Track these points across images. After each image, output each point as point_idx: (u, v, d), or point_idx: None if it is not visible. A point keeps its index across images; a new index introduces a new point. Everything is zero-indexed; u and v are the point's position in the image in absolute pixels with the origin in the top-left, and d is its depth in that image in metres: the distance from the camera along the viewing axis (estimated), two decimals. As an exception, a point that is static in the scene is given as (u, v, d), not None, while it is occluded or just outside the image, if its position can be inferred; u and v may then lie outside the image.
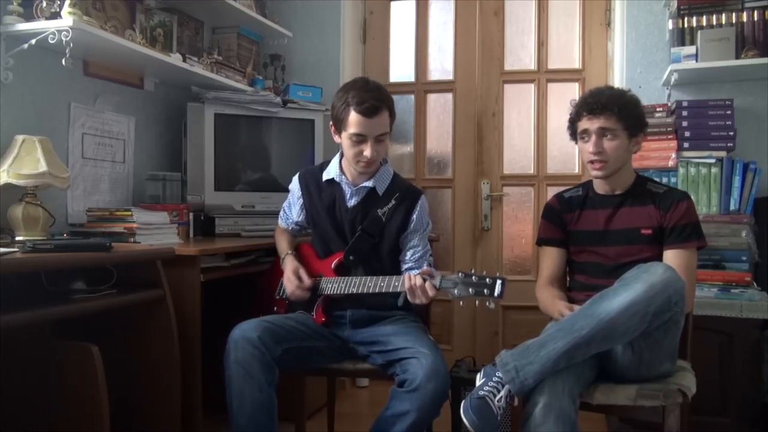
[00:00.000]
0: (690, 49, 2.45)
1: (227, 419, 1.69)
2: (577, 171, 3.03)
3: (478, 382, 1.57)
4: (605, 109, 1.75)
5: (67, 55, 1.89)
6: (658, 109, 2.52)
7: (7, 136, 1.88)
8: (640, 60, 2.76)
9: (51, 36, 1.86)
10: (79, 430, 1.58)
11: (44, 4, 1.90)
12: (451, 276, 1.67)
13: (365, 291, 1.80)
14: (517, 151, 3.14)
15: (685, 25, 2.51)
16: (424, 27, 3.26)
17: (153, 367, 1.82)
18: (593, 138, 1.77)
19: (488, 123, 3.12)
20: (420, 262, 1.89)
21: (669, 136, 2.47)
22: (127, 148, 2.45)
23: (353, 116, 1.78)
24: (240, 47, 2.95)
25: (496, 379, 1.53)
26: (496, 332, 3.10)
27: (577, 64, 3.04)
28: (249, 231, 2.50)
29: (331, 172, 1.95)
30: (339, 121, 1.84)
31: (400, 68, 3.29)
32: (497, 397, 1.50)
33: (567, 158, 3.07)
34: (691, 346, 1.80)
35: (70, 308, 1.55)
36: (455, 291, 1.64)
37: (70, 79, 2.17)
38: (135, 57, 2.23)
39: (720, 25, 2.45)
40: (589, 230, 1.86)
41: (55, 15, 1.90)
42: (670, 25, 2.57)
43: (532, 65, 3.10)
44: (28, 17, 1.91)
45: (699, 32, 2.45)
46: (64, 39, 1.86)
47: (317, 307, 1.90)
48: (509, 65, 3.13)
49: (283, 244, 2.04)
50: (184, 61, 2.44)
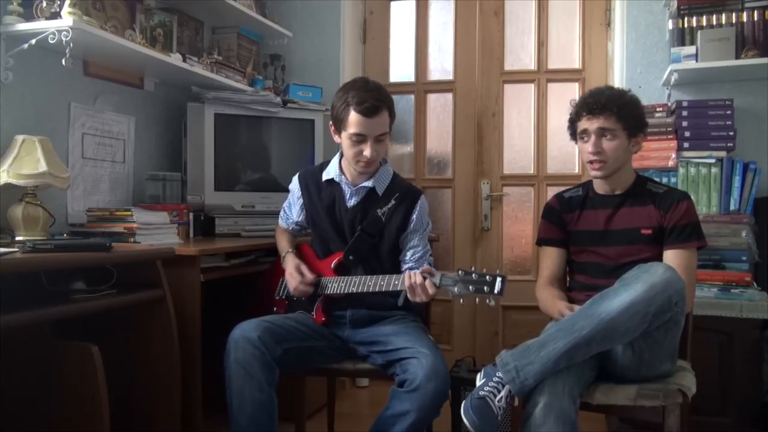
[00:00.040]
0: (690, 49, 2.45)
1: (227, 419, 1.69)
2: (577, 171, 3.03)
3: (478, 382, 1.57)
4: (605, 109, 1.75)
5: (67, 55, 1.89)
6: (658, 109, 2.52)
7: (7, 136, 1.88)
8: (640, 60, 2.76)
9: (51, 36, 1.87)
10: (79, 430, 1.58)
11: (44, 4, 1.90)
12: (451, 274, 1.67)
13: (365, 290, 1.80)
14: (517, 151, 3.14)
15: (685, 25, 2.51)
16: (424, 27, 3.26)
17: (153, 367, 1.82)
18: (592, 138, 1.77)
19: (488, 123, 3.12)
20: (420, 262, 1.89)
21: (669, 136, 2.47)
22: (127, 148, 2.45)
23: (353, 116, 1.78)
24: (240, 47, 2.94)
25: (497, 379, 1.53)
26: (496, 332, 3.10)
27: (577, 64, 3.04)
28: (249, 231, 2.50)
29: (330, 172, 1.95)
30: (339, 121, 1.84)
31: (400, 68, 3.29)
32: (497, 397, 1.50)
33: (567, 158, 3.07)
34: (691, 346, 1.80)
35: (70, 308, 1.55)
36: (455, 289, 1.64)
37: (70, 79, 2.17)
38: (135, 57, 2.23)
39: (720, 25, 2.45)
40: (589, 230, 1.86)
41: (55, 15, 1.90)
42: (670, 25, 2.57)
43: (532, 65, 3.10)
44: (28, 17, 1.91)
45: (699, 32, 2.45)
46: (64, 39, 1.86)
47: (317, 307, 1.90)
48: (509, 65, 3.13)
49: (284, 243, 2.04)
50: (184, 61, 2.44)
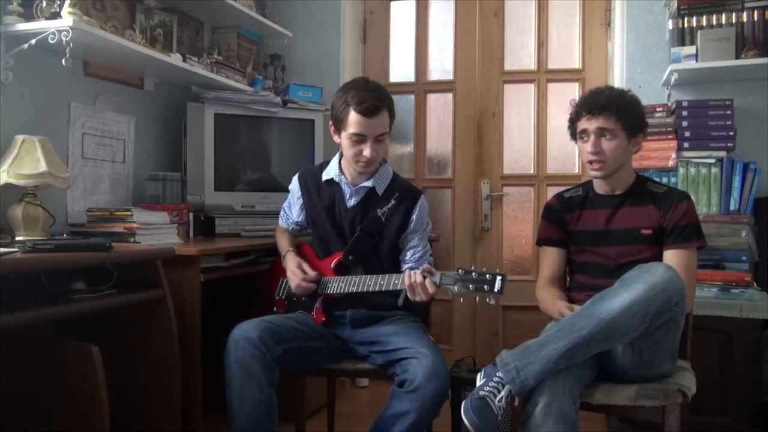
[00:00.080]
0: (690, 49, 2.45)
1: (227, 419, 1.69)
2: (577, 171, 3.03)
3: (478, 382, 1.57)
4: (604, 109, 1.75)
5: (67, 55, 1.89)
6: (658, 109, 2.51)
7: (7, 136, 1.88)
8: (640, 60, 2.76)
9: (51, 36, 1.86)
10: (79, 430, 1.58)
11: (44, 4, 1.90)
12: (451, 273, 1.67)
13: (365, 290, 1.80)
14: (517, 151, 3.14)
15: (685, 25, 2.51)
16: (424, 27, 3.26)
17: (153, 367, 1.82)
18: (592, 138, 1.77)
19: (488, 123, 3.12)
20: (420, 262, 1.89)
21: (669, 136, 2.47)
22: (127, 148, 2.45)
23: (353, 116, 1.78)
24: (240, 47, 2.94)
25: (497, 379, 1.53)
26: (496, 332, 3.10)
27: (577, 64, 3.04)
28: (249, 231, 2.50)
29: (330, 172, 1.95)
30: (339, 121, 1.84)
31: (400, 68, 3.29)
32: (498, 398, 1.50)
33: (567, 158, 3.07)
34: (691, 346, 1.79)
35: (70, 308, 1.55)
36: (455, 288, 1.64)
37: (70, 79, 2.17)
38: (135, 57, 2.23)
39: (720, 25, 2.45)
40: (589, 230, 1.86)
41: (55, 15, 1.90)
42: (670, 25, 2.57)
43: (532, 65, 3.10)
44: (28, 17, 1.91)
45: (699, 32, 2.45)
46: (64, 39, 1.86)
47: (317, 307, 1.90)
48: (509, 65, 3.13)
49: (284, 243, 2.04)
50: (184, 61, 2.44)
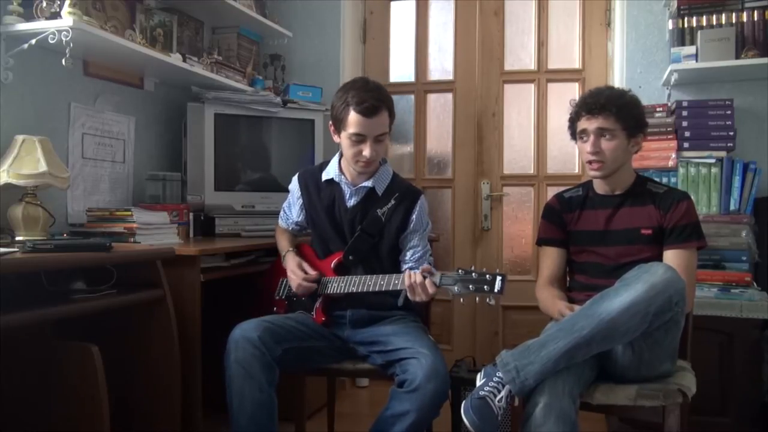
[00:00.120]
0: (690, 49, 2.45)
1: (227, 419, 1.69)
2: (577, 171, 3.03)
3: (478, 382, 1.57)
4: (603, 109, 1.75)
5: (67, 55, 1.89)
6: (658, 109, 2.51)
7: (7, 136, 1.88)
8: (640, 60, 2.76)
9: (51, 36, 1.86)
10: (79, 430, 1.58)
11: (44, 4, 1.90)
12: (451, 273, 1.67)
13: (365, 290, 1.80)
14: (517, 151, 3.14)
15: (685, 25, 2.51)
16: (424, 27, 3.26)
17: (153, 367, 1.82)
18: (591, 138, 1.77)
19: (488, 123, 3.12)
20: (420, 262, 1.89)
21: (669, 136, 2.47)
22: (127, 148, 2.45)
23: (353, 116, 1.78)
24: (240, 47, 2.94)
25: (497, 379, 1.53)
26: (496, 332, 3.10)
27: (577, 64, 3.04)
28: (249, 231, 2.50)
29: (330, 172, 1.95)
30: (338, 121, 1.84)
31: (400, 68, 3.29)
32: (498, 397, 1.50)
33: (567, 158, 3.07)
34: (691, 346, 1.79)
35: (70, 308, 1.55)
36: (455, 288, 1.64)
37: (70, 79, 2.17)
38: (135, 57, 2.23)
39: (720, 25, 2.45)
40: (589, 230, 1.86)
41: (55, 15, 1.90)
42: (670, 25, 2.57)
43: (532, 65, 3.10)
44: (28, 17, 1.91)
45: (699, 32, 2.45)
46: (64, 39, 1.86)
47: (317, 307, 1.90)
48: (509, 65, 3.13)
49: (284, 242, 2.04)
50: (184, 61, 2.44)
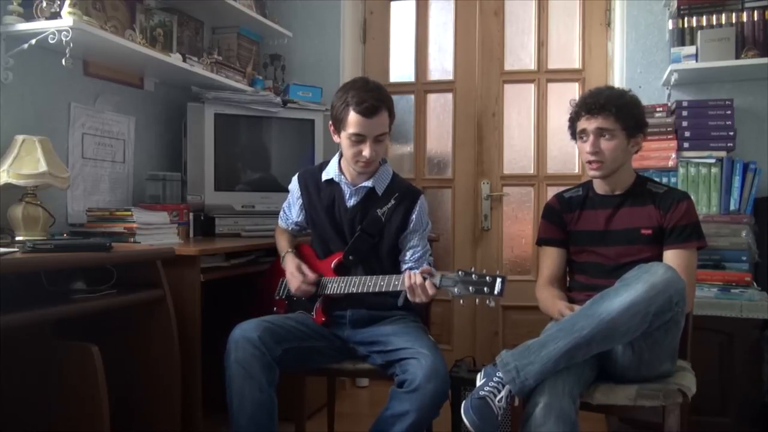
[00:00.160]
0: (690, 49, 2.45)
1: (227, 419, 1.69)
2: (577, 171, 3.03)
3: (478, 382, 1.57)
4: (603, 109, 1.75)
5: (67, 55, 1.89)
6: (658, 109, 2.51)
7: (7, 136, 1.88)
8: (640, 60, 2.76)
9: (51, 36, 1.86)
10: (79, 430, 1.58)
11: (44, 4, 1.90)
12: (451, 274, 1.67)
13: (365, 290, 1.80)
14: (517, 151, 3.14)
15: (685, 25, 2.51)
16: (424, 27, 3.26)
17: (153, 367, 1.82)
18: (591, 138, 1.77)
19: (488, 123, 3.12)
20: (420, 262, 1.89)
21: (669, 136, 2.47)
22: (127, 148, 2.45)
23: (352, 116, 1.78)
24: (240, 47, 2.94)
25: (497, 379, 1.53)
26: (496, 332, 3.10)
27: (577, 64, 3.04)
28: (249, 231, 2.50)
29: (330, 172, 1.95)
30: (338, 121, 1.83)
31: (400, 68, 3.29)
32: (498, 398, 1.50)
33: (567, 158, 3.07)
34: (691, 346, 1.79)
35: (70, 308, 1.55)
36: (455, 289, 1.64)
37: (70, 79, 2.17)
38: (135, 57, 2.23)
39: (720, 25, 2.45)
40: (589, 230, 1.86)
41: (55, 15, 1.90)
42: (670, 25, 2.57)
43: (532, 65, 3.10)
44: (28, 17, 1.91)
45: (699, 32, 2.45)
46: (64, 39, 1.86)
47: (317, 307, 1.90)
48: (509, 65, 3.13)
49: (283, 243, 2.04)
50: (184, 61, 2.44)
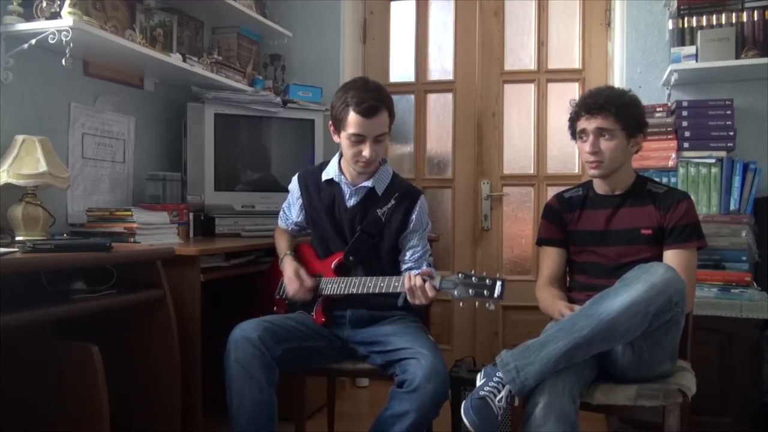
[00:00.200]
0: (690, 49, 2.45)
1: (227, 419, 1.69)
2: (577, 171, 3.03)
3: (478, 382, 1.57)
4: (603, 109, 1.75)
5: (67, 55, 1.89)
6: (658, 109, 2.51)
7: (7, 136, 1.88)
8: (640, 60, 2.76)
9: (51, 36, 1.86)
10: (79, 430, 1.58)
11: (44, 4, 1.90)
12: (451, 277, 1.67)
13: (365, 291, 1.80)
14: (517, 151, 3.14)
15: (685, 25, 2.51)
16: (424, 27, 3.26)
17: (153, 367, 1.82)
18: (590, 138, 1.77)
19: (488, 123, 3.12)
20: (420, 262, 1.89)
21: (669, 136, 2.47)
22: (127, 148, 2.45)
23: (352, 116, 1.78)
24: (240, 47, 2.94)
25: (497, 379, 1.53)
26: (496, 332, 3.10)
27: (577, 64, 3.04)
28: (249, 231, 2.50)
29: (330, 172, 1.95)
30: (338, 121, 1.83)
31: (400, 68, 3.29)
32: (498, 398, 1.50)
33: (567, 158, 3.07)
34: (691, 346, 1.79)
35: (70, 308, 1.55)
36: (455, 292, 1.64)
37: (70, 79, 2.17)
38: (135, 57, 2.23)
39: (720, 25, 2.45)
40: (589, 230, 1.86)
41: (55, 15, 1.90)
42: (670, 25, 2.57)
43: (532, 65, 3.10)
44: (28, 17, 1.91)
45: (699, 32, 2.45)
46: (64, 39, 1.86)
47: (317, 307, 1.90)
48: (509, 65, 3.13)
49: (283, 244, 2.04)
50: (184, 61, 2.44)
